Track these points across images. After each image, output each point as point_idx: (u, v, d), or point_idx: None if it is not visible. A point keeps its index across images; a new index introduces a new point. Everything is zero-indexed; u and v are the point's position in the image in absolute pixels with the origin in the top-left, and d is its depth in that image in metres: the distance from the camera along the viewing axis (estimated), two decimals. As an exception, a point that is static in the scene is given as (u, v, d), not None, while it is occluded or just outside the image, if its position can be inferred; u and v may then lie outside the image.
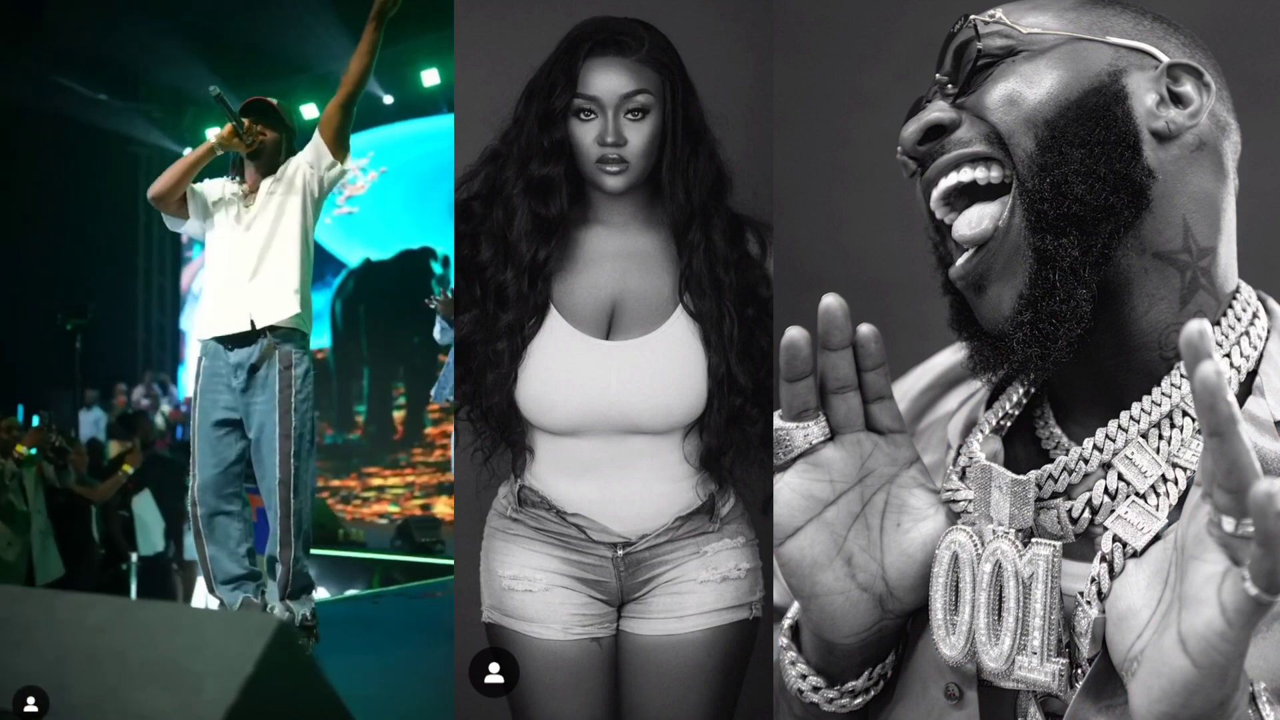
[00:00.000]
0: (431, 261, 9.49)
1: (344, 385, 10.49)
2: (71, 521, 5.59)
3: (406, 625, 4.28)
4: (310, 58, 8.94)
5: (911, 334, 1.41)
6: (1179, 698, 0.91)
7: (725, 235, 1.83)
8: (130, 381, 10.40)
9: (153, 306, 11.71)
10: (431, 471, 9.89)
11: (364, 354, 10.38)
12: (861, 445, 1.17)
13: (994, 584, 1.13)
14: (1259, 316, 1.19)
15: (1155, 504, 1.10)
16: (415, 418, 10.13)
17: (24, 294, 9.58)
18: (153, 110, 10.87)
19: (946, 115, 1.19)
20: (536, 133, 1.78)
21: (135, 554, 6.16)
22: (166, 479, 6.32)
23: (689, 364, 1.81)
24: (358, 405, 10.53)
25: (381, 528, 8.94)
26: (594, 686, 1.86)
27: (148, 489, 6.28)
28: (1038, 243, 1.13)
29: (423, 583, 5.48)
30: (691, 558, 1.86)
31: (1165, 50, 1.17)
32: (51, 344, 8.01)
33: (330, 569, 7.06)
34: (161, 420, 9.13)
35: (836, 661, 1.24)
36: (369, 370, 10.42)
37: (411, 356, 9.75)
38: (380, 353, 10.25)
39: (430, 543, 7.40)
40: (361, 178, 9.72)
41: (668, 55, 1.80)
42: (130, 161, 11.04)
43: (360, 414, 10.54)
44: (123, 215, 11.17)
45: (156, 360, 11.52)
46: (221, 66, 8.65)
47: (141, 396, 10.09)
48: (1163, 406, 1.13)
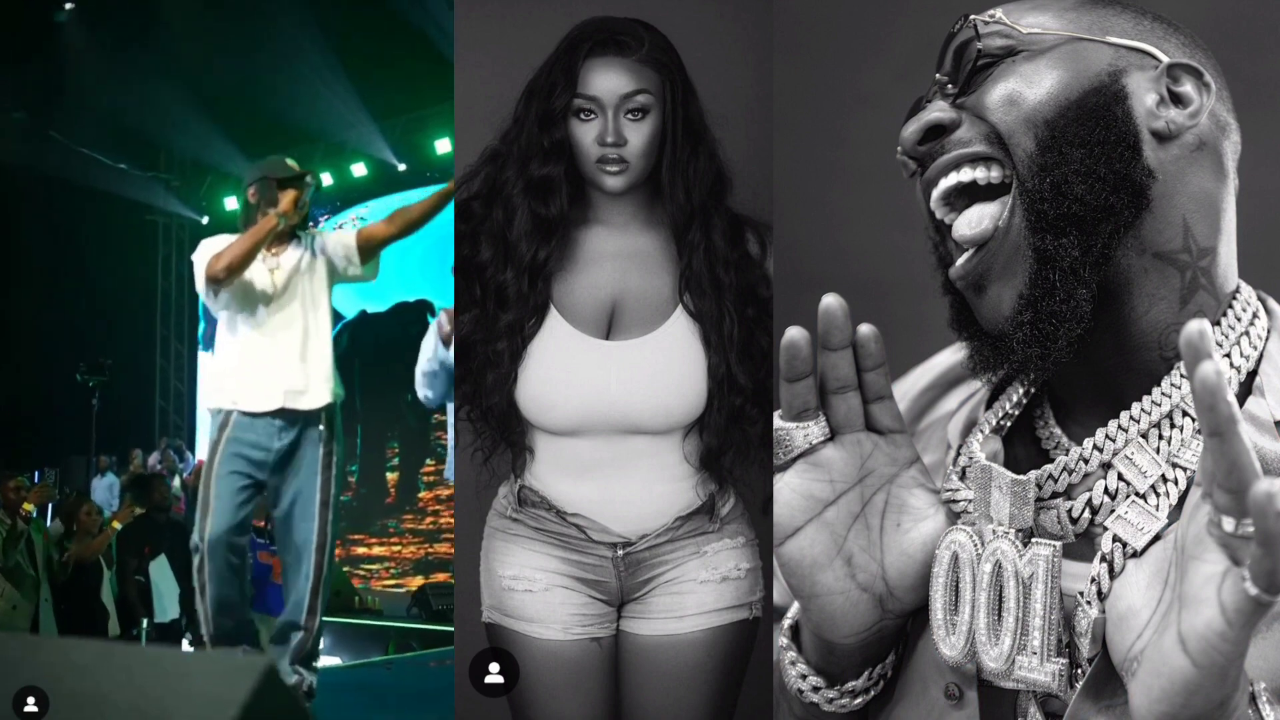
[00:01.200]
0: (428, 315, 9.39)
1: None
2: (82, 585, 5.49)
3: (416, 692, 4.25)
4: (325, 127, 8.98)
5: (911, 334, 1.41)
6: (1179, 698, 0.91)
7: (725, 235, 1.83)
8: (146, 448, 10.30)
9: (170, 374, 11.74)
10: (420, 542, 9.67)
11: (358, 410, 9.94)
12: (861, 445, 1.17)
13: (994, 584, 1.13)
14: (1259, 316, 1.19)
15: (1155, 504, 1.10)
16: (409, 481, 9.89)
17: (44, 358, 9.62)
18: (171, 179, 10.99)
19: (946, 115, 1.19)
20: (536, 133, 1.78)
21: (147, 620, 6.10)
22: (181, 544, 6.26)
23: (689, 364, 1.81)
24: (350, 465, 10.16)
25: (398, 596, 8.79)
26: (594, 686, 1.86)
27: (164, 554, 6.22)
28: (1038, 243, 1.13)
29: (432, 651, 5.45)
30: (691, 558, 1.86)
31: (1165, 50, 1.17)
32: (68, 409, 8.02)
33: (345, 637, 6.93)
34: (178, 485, 8.95)
35: (836, 661, 1.24)
36: (362, 429, 10.10)
37: (406, 416, 9.56)
38: (375, 411, 9.93)
39: (447, 610, 7.32)
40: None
41: (668, 55, 1.80)
42: (149, 229, 11.19)
43: (353, 473, 10.19)
44: (142, 282, 11.28)
45: (174, 427, 11.51)
46: (238, 135, 8.71)
47: (157, 462, 9.89)
48: (1163, 406, 1.13)
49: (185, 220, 11.05)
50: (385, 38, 8.02)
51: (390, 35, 7.91)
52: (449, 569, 8.74)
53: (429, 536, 9.64)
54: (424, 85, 8.31)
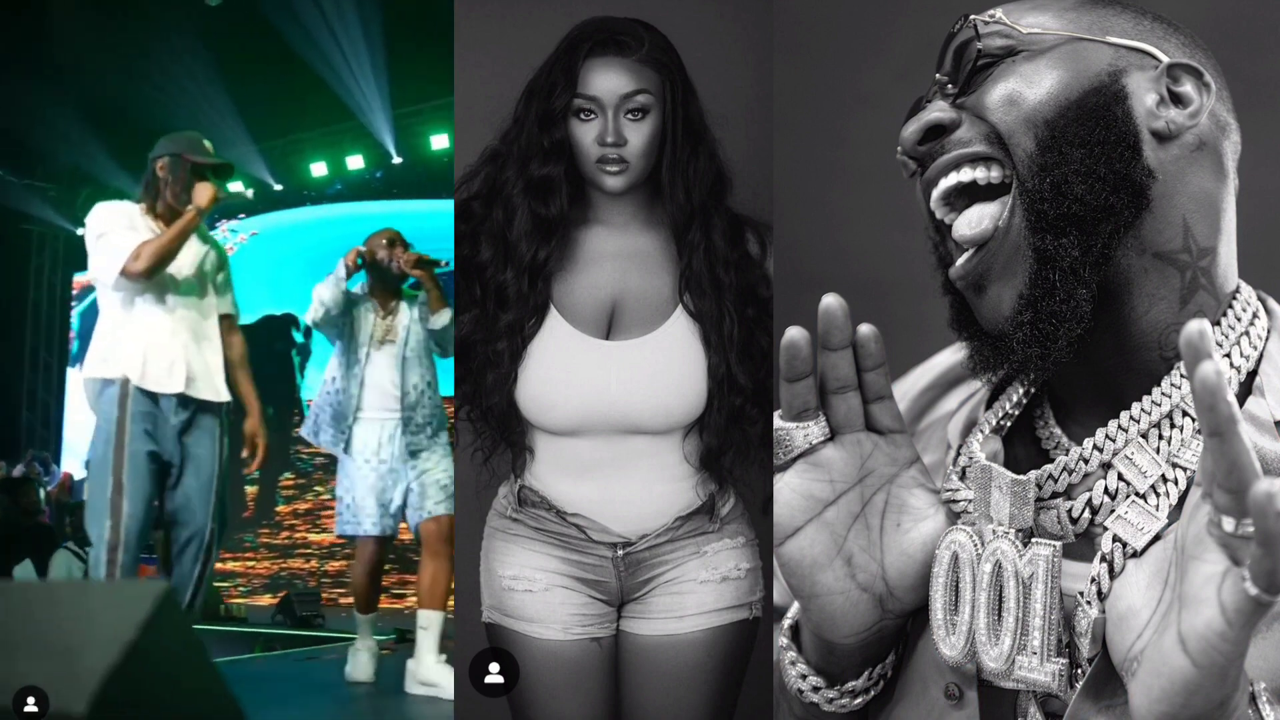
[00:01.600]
0: (293, 329, 9.29)
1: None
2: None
3: (299, 685, 4.27)
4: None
5: (911, 334, 1.41)
6: (1179, 698, 0.91)
7: (725, 235, 1.83)
8: (11, 460, 10.03)
9: (38, 386, 11.48)
10: (274, 558, 9.56)
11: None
12: (861, 445, 1.17)
13: (994, 584, 1.13)
14: (1259, 316, 1.19)
15: (1155, 504, 1.10)
16: (267, 494, 9.70)
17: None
18: (49, 189, 10.77)
19: (946, 115, 1.19)
20: (536, 133, 1.78)
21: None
22: (48, 551, 6.32)
23: (689, 364, 1.81)
24: None
25: (254, 609, 8.70)
26: (594, 686, 1.86)
27: (29, 559, 6.24)
28: (1038, 243, 1.13)
29: (306, 649, 5.46)
30: (691, 558, 1.86)
31: (1165, 50, 1.17)
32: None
33: (211, 644, 6.90)
34: (43, 495, 8.77)
35: (836, 661, 1.24)
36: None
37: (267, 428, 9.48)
38: (237, 422, 9.86)
39: (310, 616, 7.28)
40: (231, 239, 9.64)
41: (668, 55, 1.80)
42: (23, 238, 10.95)
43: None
44: (13, 292, 11.02)
45: (40, 439, 11.22)
46: (118, 147, 8.66)
47: (21, 473, 9.58)
48: (1163, 406, 1.13)
49: (60, 231, 10.80)
50: (266, 60, 8.05)
51: (270, 58, 7.94)
52: (299, 586, 8.72)
53: (284, 551, 9.52)
54: (304, 108, 8.44)
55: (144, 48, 8.12)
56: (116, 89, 8.40)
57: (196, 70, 8.16)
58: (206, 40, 8.10)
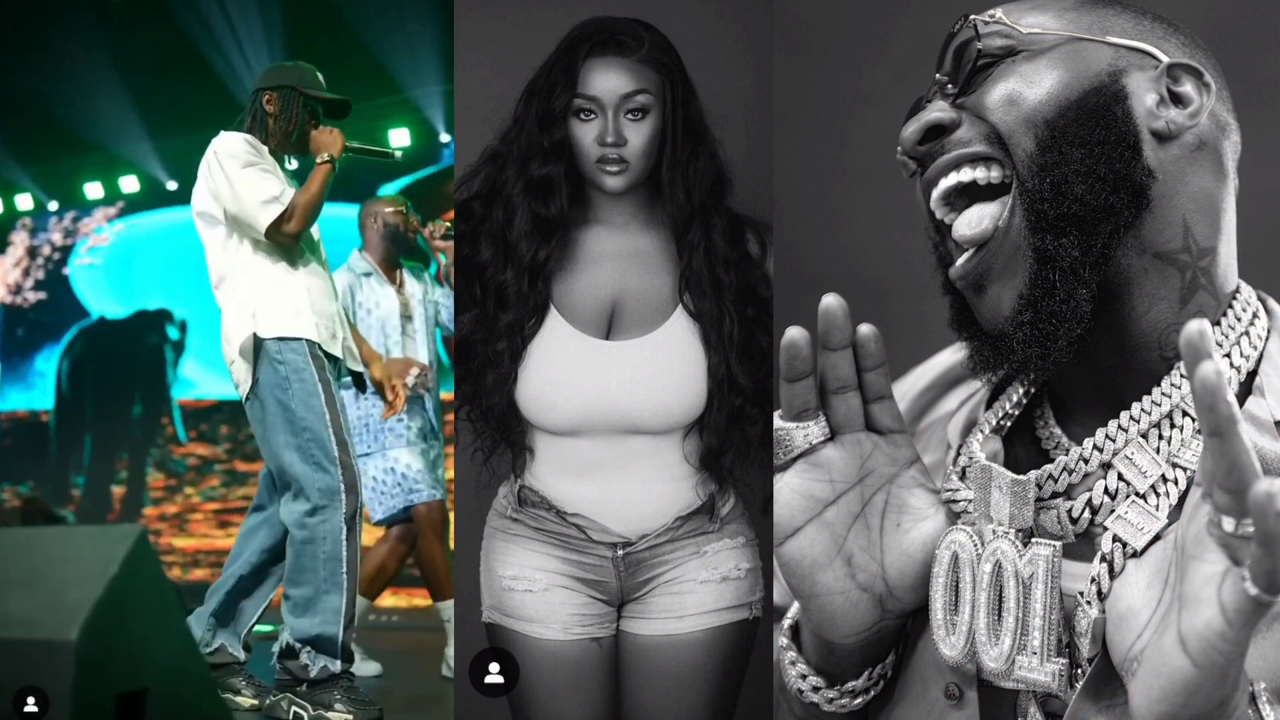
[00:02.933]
0: (167, 325, 8.91)
1: (63, 454, 9.28)
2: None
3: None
4: (102, 140, 8.74)
5: (911, 334, 1.41)
6: (1179, 698, 0.91)
7: (725, 235, 1.83)
8: None
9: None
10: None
11: (88, 418, 9.10)
12: (861, 445, 1.17)
13: (994, 584, 1.13)
14: (1259, 316, 1.19)
15: (1155, 504, 1.10)
16: (135, 496, 9.20)
17: None
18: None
19: (946, 115, 1.19)
20: (536, 133, 1.78)
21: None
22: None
23: (689, 364, 1.81)
24: (76, 477, 9.33)
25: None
26: (594, 686, 1.86)
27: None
28: (1038, 243, 1.13)
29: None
30: (691, 558, 1.86)
31: (1165, 50, 1.18)
32: None
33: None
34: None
35: (836, 661, 1.24)
36: (91, 439, 9.23)
37: (135, 428, 8.93)
38: (105, 420, 9.05)
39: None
40: (107, 229, 9.55)
41: (668, 55, 1.80)
42: None
43: (78, 486, 9.35)
44: None
45: None
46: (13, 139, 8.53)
47: None
48: (1163, 406, 1.13)
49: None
50: (166, 57, 7.99)
51: (171, 55, 7.90)
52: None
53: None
54: (203, 108, 8.35)
55: (39, 37, 8.05)
56: (15, 79, 8.32)
57: (95, 63, 8.10)
58: (106, 34, 8.04)
